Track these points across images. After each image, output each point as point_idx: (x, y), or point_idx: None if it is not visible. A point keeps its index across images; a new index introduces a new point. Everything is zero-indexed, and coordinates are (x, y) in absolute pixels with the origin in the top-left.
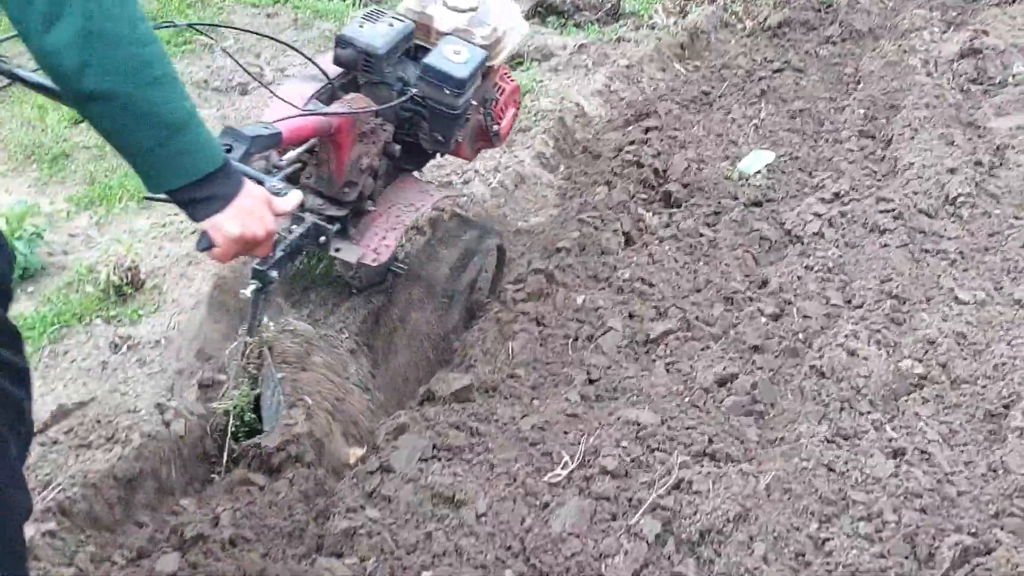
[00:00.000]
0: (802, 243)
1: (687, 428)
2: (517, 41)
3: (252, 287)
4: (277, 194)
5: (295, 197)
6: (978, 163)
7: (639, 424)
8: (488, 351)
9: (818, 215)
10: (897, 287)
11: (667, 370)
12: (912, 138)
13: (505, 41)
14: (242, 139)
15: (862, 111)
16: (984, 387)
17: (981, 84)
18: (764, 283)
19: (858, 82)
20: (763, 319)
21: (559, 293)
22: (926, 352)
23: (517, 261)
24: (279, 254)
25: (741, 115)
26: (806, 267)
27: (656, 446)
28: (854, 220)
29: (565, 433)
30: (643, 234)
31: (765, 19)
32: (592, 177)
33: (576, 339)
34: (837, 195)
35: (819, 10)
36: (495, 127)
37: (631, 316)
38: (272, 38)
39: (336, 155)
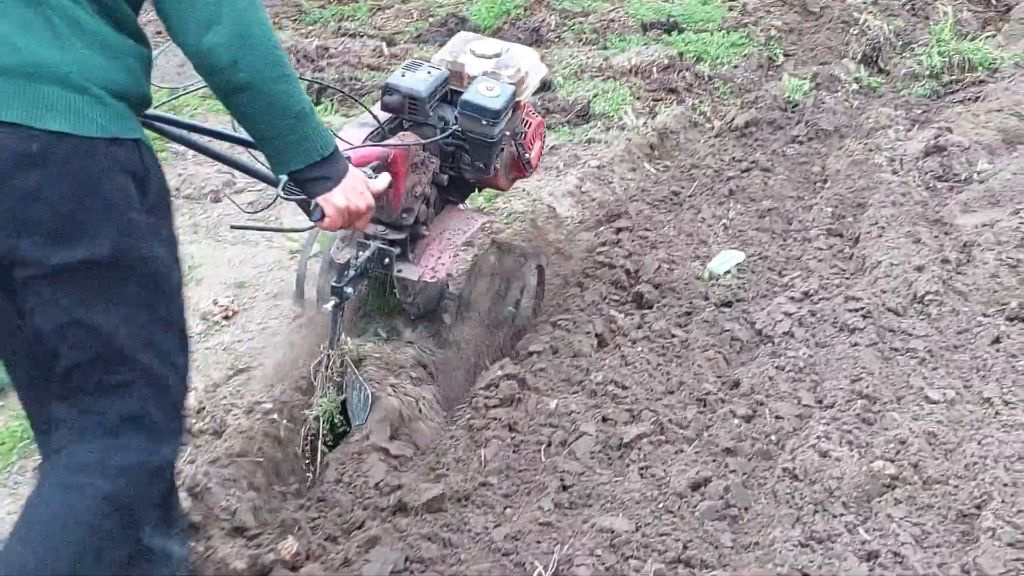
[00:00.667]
0: (773, 343)
1: (661, 535)
2: (538, 81)
3: (332, 303)
4: (371, 178)
5: (385, 179)
6: (945, 261)
7: (613, 531)
8: (460, 459)
9: (788, 314)
10: (867, 386)
11: (641, 475)
12: (879, 236)
13: (528, 80)
14: None
15: (830, 210)
16: (956, 487)
17: (947, 181)
18: (736, 384)
19: (825, 181)
20: (736, 421)
21: (531, 398)
22: (898, 452)
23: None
24: (352, 274)
25: (711, 215)
26: (777, 367)
27: (630, 554)
28: (824, 319)
29: (538, 543)
30: (616, 336)
31: (732, 119)
32: (564, 278)
33: (549, 445)
34: (807, 294)
35: (785, 110)
36: (527, 155)
37: (604, 420)
38: (333, 87)
39: (394, 184)
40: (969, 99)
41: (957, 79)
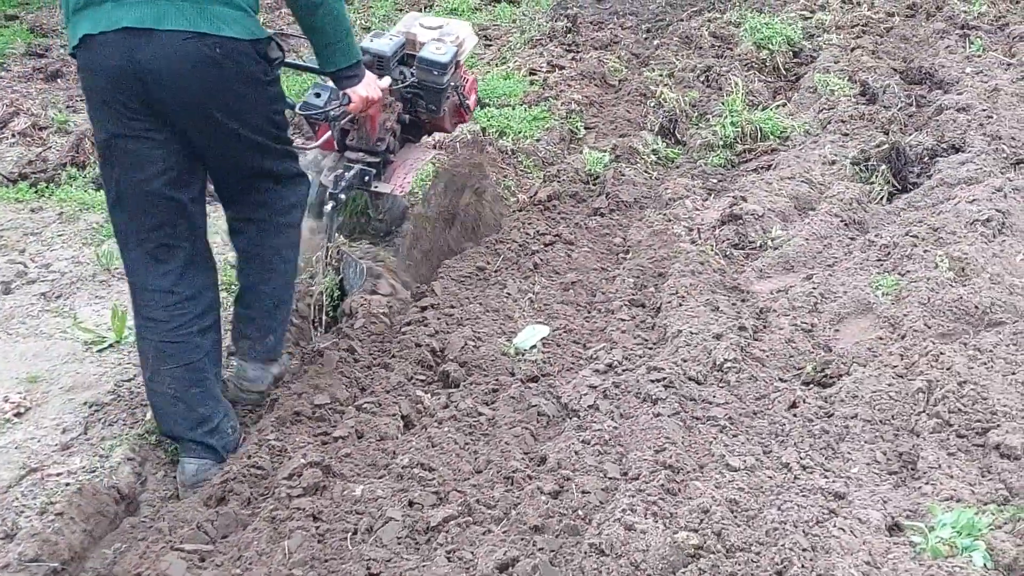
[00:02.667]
0: (579, 417)
1: None
2: (472, 46)
3: (330, 205)
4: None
5: (387, 80)
6: (742, 328)
7: None
8: (263, 552)
9: (593, 387)
10: (671, 456)
11: (448, 558)
12: (680, 305)
13: (466, 44)
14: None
15: (631, 280)
16: (758, 554)
17: (743, 249)
18: (543, 460)
19: (627, 252)
20: (543, 497)
21: (336, 486)
22: (701, 521)
23: (290, 454)
24: (342, 185)
25: (516, 289)
26: (583, 441)
27: None
28: (627, 390)
29: None
30: (422, 416)
31: (535, 193)
32: (371, 359)
33: (355, 532)
34: (610, 366)
35: (587, 182)
36: (467, 102)
37: (411, 504)
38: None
39: (370, 121)
40: (762, 167)
41: (750, 148)
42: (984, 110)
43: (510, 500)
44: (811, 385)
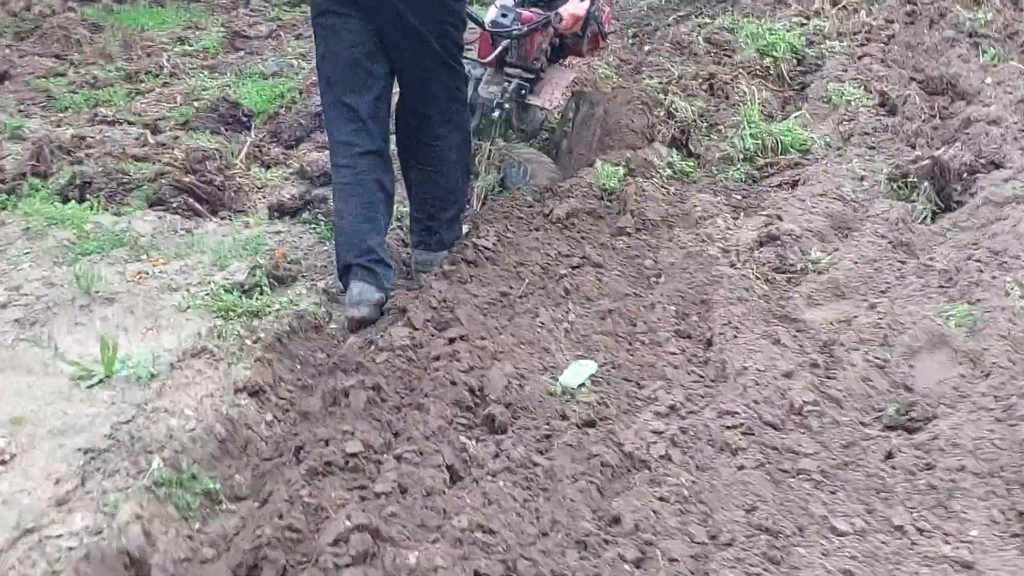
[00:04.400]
0: (649, 468)
1: None
2: None
3: (496, 112)
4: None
5: (587, 2)
6: (814, 364)
7: None
8: None
9: (658, 433)
10: (765, 517)
11: None
12: (735, 337)
13: None
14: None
15: (673, 308)
16: None
17: (784, 272)
18: (617, 520)
19: (659, 275)
20: (626, 567)
21: (387, 552)
22: None
23: (329, 513)
24: (506, 96)
25: (549, 319)
26: (660, 498)
27: None
28: (698, 437)
29: None
30: (470, 467)
31: (551, 211)
32: (400, 398)
33: None
34: (673, 408)
35: (602, 198)
36: (604, 30)
37: (477, 575)
38: None
39: (529, 41)
40: (787, 183)
41: (771, 162)
42: (1016, 123)
43: (588, 570)
44: (897, 430)
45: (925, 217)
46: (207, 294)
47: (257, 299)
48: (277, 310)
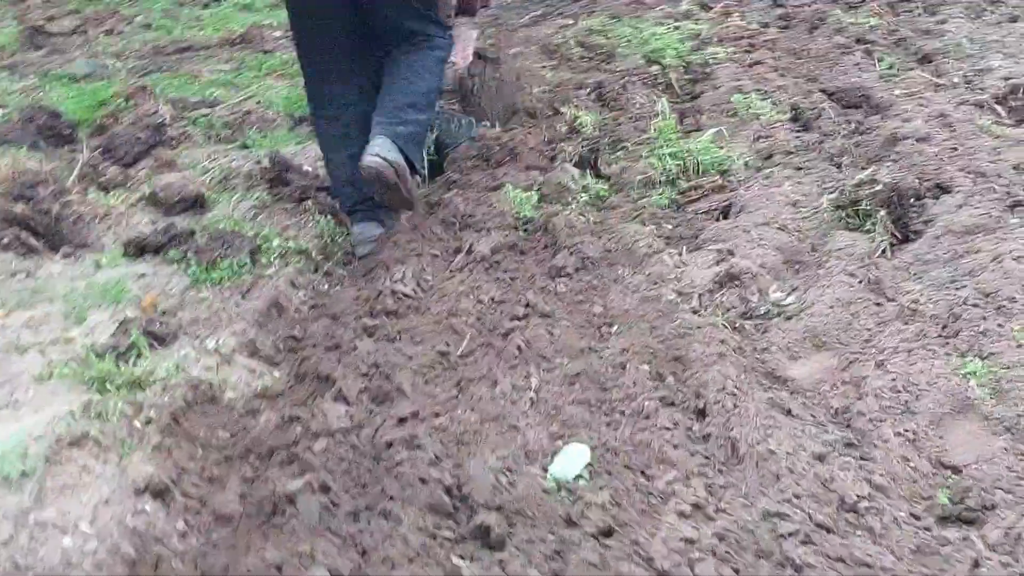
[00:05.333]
0: None
1: None
2: None
3: None
4: None
5: None
6: (848, 444)
7: None
8: None
9: (691, 542)
10: None
11: None
12: (735, 408)
13: None
14: None
15: (645, 367)
16: None
17: (751, 319)
18: None
19: (611, 324)
20: None
21: None
22: None
23: None
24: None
25: (509, 386)
26: None
27: None
28: (744, 547)
29: None
30: None
31: (471, 247)
32: (356, 502)
33: None
34: (698, 507)
35: (518, 228)
36: None
37: None
38: None
39: None
40: (715, 209)
41: (695, 186)
42: (947, 140)
43: None
44: (955, 522)
45: (884, 250)
46: (72, 359)
47: (136, 364)
48: (164, 379)
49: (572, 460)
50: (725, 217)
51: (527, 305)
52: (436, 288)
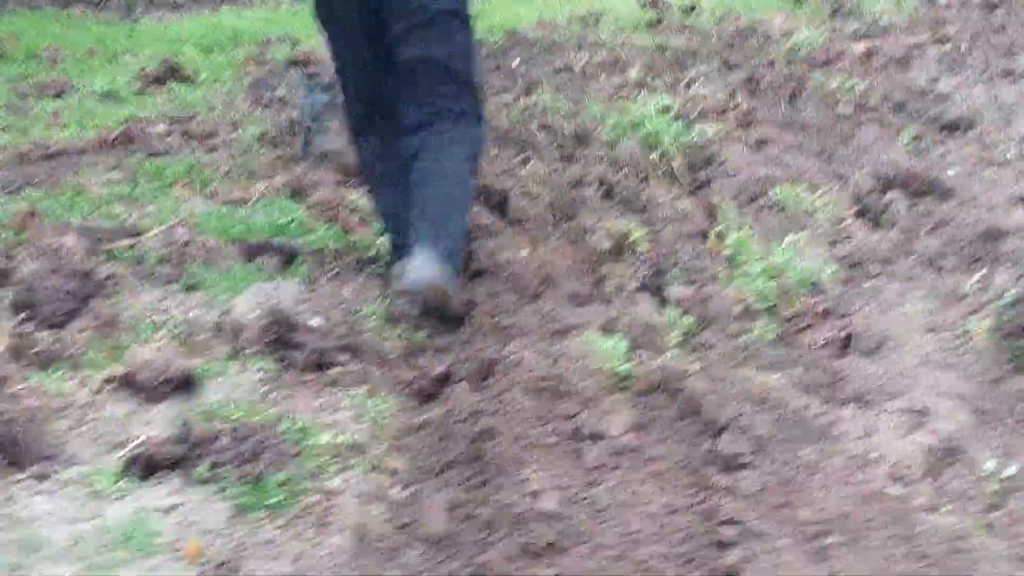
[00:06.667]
0: None
1: None
2: None
3: None
4: None
5: None
6: None
7: None
8: None
9: None
10: None
11: None
12: None
13: None
14: None
15: None
16: None
17: (995, 509)
18: None
19: (827, 533)
20: None
21: None
22: None
23: None
24: None
25: None
26: None
27: None
28: None
29: None
30: None
31: (596, 430)
32: None
33: None
34: None
35: (622, 390)
36: None
37: None
38: None
39: None
40: (833, 341)
41: (797, 312)
42: None
43: None
44: None
45: None
46: None
47: None
48: None
49: None
50: (845, 349)
51: (729, 521)
52: (582, 499)
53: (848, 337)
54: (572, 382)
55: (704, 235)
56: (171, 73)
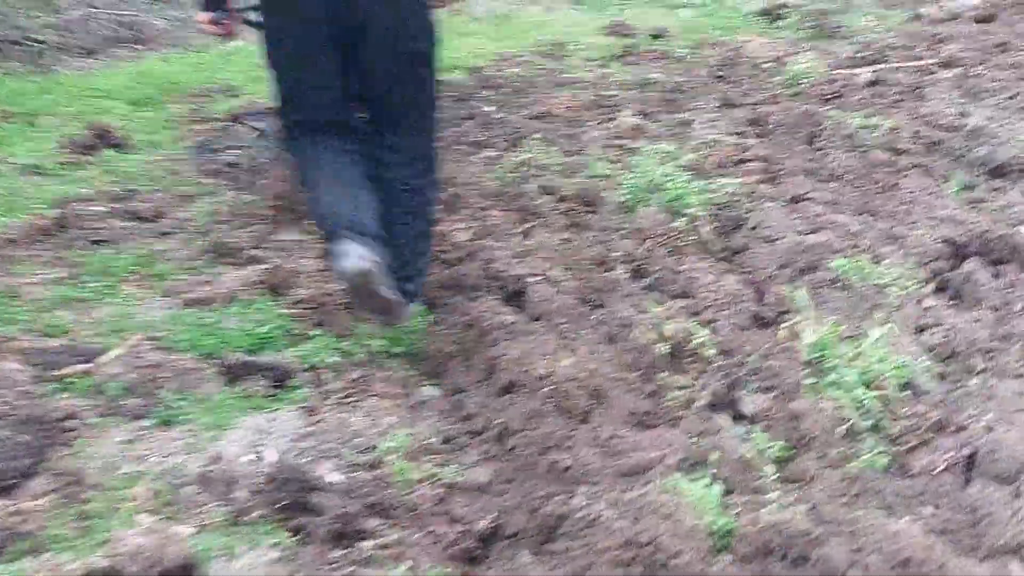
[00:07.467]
0: None
1: None
2: None
3: None
4: None
5: None
6: None
7: None
8: None
9: None
10: None
11: None
12: None
13: None
14: None
15: None
16: None
17: None
18: None
19: None
20: None
21: None
22: None
23: None
24: None
25: None
26: None
27: None
28: None
29: None
30: None
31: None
32: None
33: None
34: None
35: (721, 551)
36: None
37: None
38: None
39: None
40: (955, 463)
41: (910, 427)
42: None
43: None
44: None
45: None
46: None
47: None
48: None
49: None
50: (970, 471)
51: None
52: None
53: (972, 457)
54: (667, 549)
55: (760, 320)
56: (100, 137)
